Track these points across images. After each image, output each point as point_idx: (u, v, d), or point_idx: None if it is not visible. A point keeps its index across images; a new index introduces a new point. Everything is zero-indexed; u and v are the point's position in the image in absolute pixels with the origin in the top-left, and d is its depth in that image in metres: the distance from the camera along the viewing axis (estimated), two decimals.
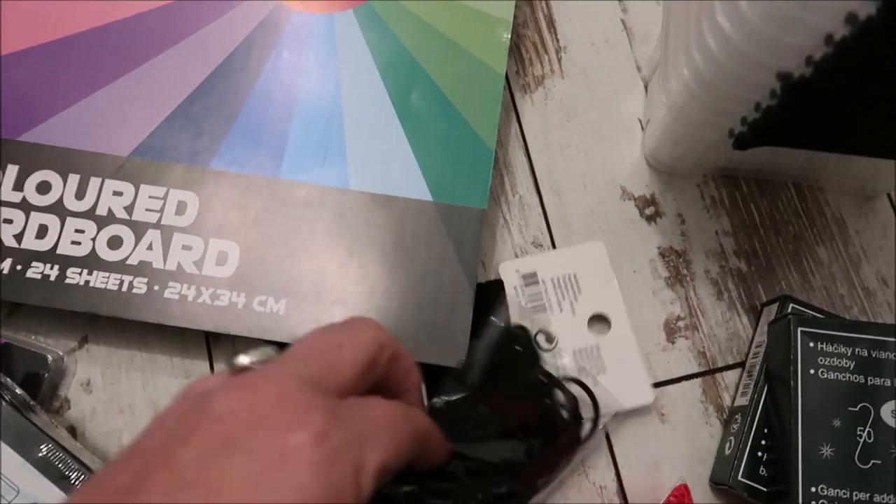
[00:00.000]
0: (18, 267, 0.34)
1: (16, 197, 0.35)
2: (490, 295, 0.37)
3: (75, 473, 0.32)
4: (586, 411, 0.35)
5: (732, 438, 0.36)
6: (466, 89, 0.37)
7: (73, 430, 0.36)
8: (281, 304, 0.33)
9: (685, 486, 0.36)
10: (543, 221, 0.41)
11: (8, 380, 0.33)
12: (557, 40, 0.44)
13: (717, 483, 0.36)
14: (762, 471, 0.35)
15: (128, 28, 0.37)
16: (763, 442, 0.35)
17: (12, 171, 0.35)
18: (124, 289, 0.34)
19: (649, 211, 0.41)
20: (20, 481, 0.32)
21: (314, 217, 0.35)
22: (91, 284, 0.34)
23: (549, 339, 0.36)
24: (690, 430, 0.38)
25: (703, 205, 0.41)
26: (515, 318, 0.37)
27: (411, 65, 0.37)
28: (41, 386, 0.35)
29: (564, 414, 0.35)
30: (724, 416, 0.38)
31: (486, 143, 0.37)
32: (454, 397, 0.33)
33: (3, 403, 0.32)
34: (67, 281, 0.34)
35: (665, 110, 0.36)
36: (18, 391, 0.33)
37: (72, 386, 0.37)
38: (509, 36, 0.38)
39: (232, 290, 0.34)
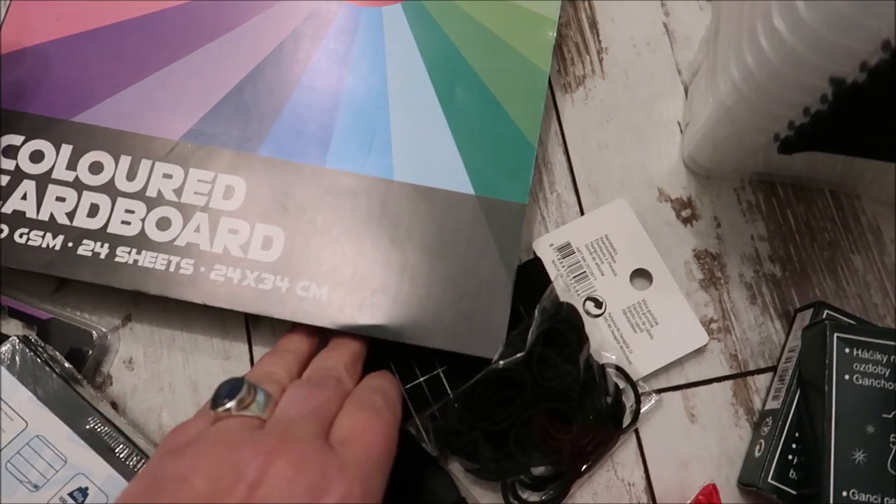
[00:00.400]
0: (70, 244, 0.34)
1: (69, 176, 0.35)
2: (530, 274, 0.37)
3: (120, 447, 0.33)
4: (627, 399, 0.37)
5: (763, 441, 0.36)
6: (511, 85, 0.37)
7: (114, 406, 0.37)
8: (323, 290, 0.34)
9: (714, 486, 0.36)
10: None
11: (57, 353, 0.34)
12: (599, 41, 0.44)
13: (745, 484, 0.36)
14: (792, 474, 0.35)
15: (181, 15, 0.38)
16: (794, 445, 0.35)
17: (66, 150, 0.36)
18: (171, 269, 0.34)
19: (685, 213, 0.41)
20: (68, 452, 0.32)
21: (358, 206, 0.35)
22: (139, 263, 0.34)
23: (598, 304, 0.37)
24: (720, 431, 0.38)
25: (739, 209, 0.41)
26: (561, 294, 0.37)
27: (457, 59, 0.38)
28: (85, 362, 0.36)
29: (608, 400, 0.36)
30: (755, 419, 0.38)
31: (529, 140, 0.37)
32: (511, 360, 0.34)
33: (54, 375, 0.33)
34: (117, 259, 0.34)
35: (710, 111, 0.36)
36: (66, 364, 0.34)
37: (114, 363, 0.38)
38: (555, 34, 0.39)
39: (276, 274, 0.34)
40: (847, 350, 0.34)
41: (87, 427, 0.33)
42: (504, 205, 0.36)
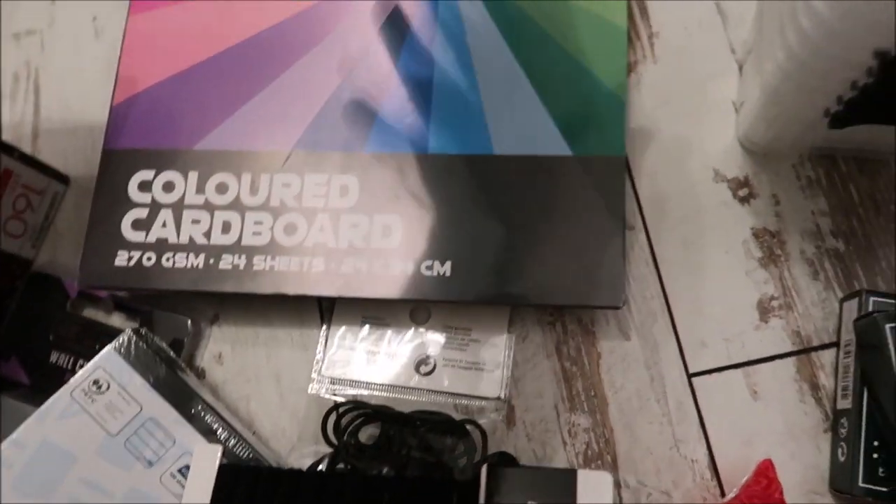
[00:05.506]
0: (211, 260, 0.42)
1: (199, 199, 0.43)
2: None
3: (220, 429, 0.39)
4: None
5: (843, 444, 0.39)
6: (590, 44, 0.43)
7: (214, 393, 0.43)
8: (446, 266, 0.41)
9: (769, 462, 0.38)
10: (635, 203, 0.45)
11: (162, 343, 0.41)
12: (650, 26, 0.47)
13: (839, 490, 0.39)
14: (881, 472, 0.37)
15: (277, 34, 0.45)
16: (875, 443, 0.37)
17: (193, 176, 0.43)
18: (305, 269, 0.41)
19: (742, 192, 0.44)
20: (176, 433, 0.39)
21: (465, 184, 0.41)
22: (275, 269, 0.41)
23: None
24: (783, 407, 0.41)
25: (798, 185, 0.44)
26: None
27: (533, 27, 0.43)
28: (181, 352, 0.43)
29: None
30: (818, 395, 0.41)
31: (617, 93, 0.42)
32: None
33: (162, 364, 0.40)
34: (255, 268, 0.41)
35: (759, 91, 0.39)
36: (171, 353, 0.41)
37: (206, 357, 0.45)
38: None
39: (400, 258, 0.41)
40: None
41: (193, 411, 0.39)
42: (603, 160, 0.41)
